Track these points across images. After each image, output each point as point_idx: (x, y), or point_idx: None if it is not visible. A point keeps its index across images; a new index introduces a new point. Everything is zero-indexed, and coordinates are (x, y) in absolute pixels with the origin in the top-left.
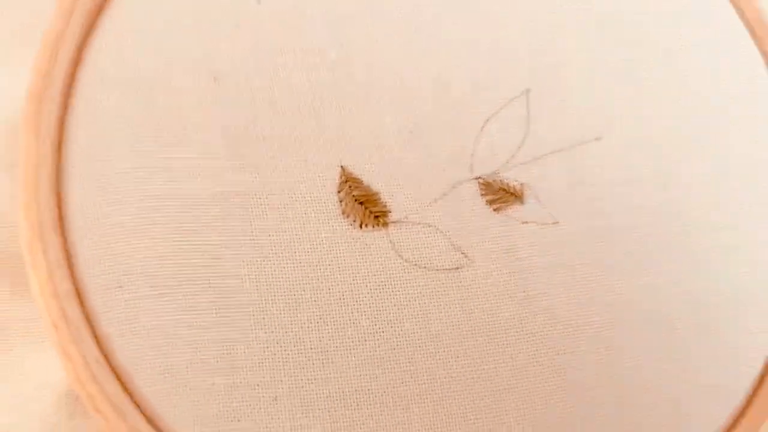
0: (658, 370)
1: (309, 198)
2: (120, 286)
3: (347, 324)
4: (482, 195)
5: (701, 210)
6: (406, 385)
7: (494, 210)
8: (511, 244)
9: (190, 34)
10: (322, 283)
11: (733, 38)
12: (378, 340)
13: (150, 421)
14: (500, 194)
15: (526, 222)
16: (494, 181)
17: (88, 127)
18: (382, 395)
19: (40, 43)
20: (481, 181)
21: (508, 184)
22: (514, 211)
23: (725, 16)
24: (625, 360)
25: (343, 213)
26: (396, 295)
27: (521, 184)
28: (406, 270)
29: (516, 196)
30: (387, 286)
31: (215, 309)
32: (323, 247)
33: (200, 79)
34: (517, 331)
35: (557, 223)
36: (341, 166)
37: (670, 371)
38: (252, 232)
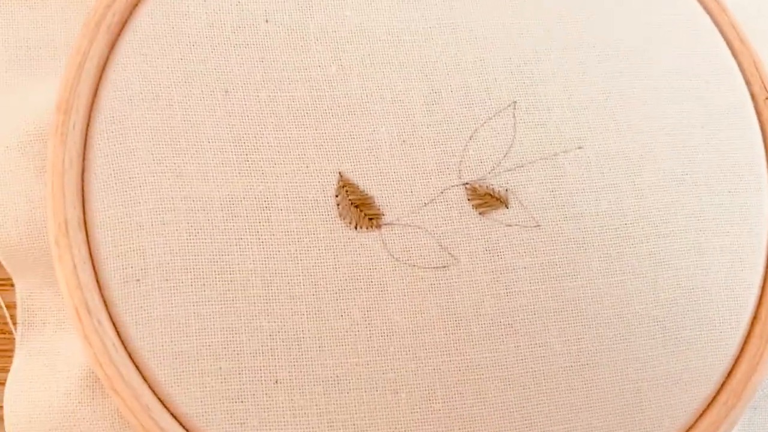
0: (619, 363)
1: (309, 201)
2: (138, 280)
3: (341, 315)
4: (469, 200)
5: (670, 215)
6: (395, 372)
7: (480, 213)
8: (494, 245)
9: (204, 50)
10: (319, 278)
11: (714, 63)
12: (369, 330)
13: (161, 401)
14: (486, 199)
15: (510, 225)
16: (480, 186)
17: (109, 137)
18: (373, 380)
19: (67, 60)
20: (468, 186)
21: (493, 189)
22: (499, 214)
23: (710, 42)
24: (590, 354)
25: (340, 215)
26: (386, 290)
27: (506, 190)
28: (396, 268)
29: (501, 200)
30: (378, 282)
31: (222, 300)
32: (321, 246)
33: (213, 92)
34: (498, 326)
35: (539, 226)
36: (339, 172)
37: (629, 365)
38: (257, 231)
